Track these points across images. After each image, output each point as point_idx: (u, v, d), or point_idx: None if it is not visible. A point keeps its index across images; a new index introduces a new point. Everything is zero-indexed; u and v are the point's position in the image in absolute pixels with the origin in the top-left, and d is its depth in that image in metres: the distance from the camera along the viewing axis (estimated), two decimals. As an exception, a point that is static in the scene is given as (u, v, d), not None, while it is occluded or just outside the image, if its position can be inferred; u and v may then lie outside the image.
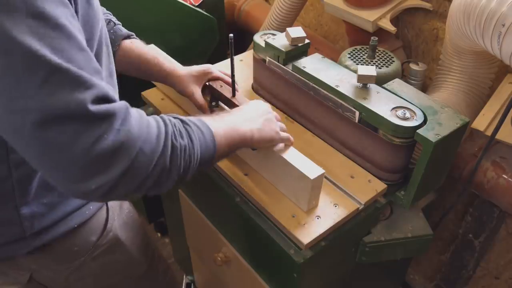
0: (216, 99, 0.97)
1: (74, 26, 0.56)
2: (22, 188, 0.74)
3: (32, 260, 0.83)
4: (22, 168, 0.72)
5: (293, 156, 0.82)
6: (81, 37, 0.56)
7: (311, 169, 0.79)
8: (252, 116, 0.80)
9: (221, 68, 1.01)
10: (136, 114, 0.59)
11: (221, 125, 0.72)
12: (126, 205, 1.01)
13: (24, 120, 0.51)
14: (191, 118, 0.69)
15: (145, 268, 1.06)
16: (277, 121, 0.85)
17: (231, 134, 0.73)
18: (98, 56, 0.71)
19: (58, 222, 0.81)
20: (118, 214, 0.95)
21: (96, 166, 0.54)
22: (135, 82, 1.02)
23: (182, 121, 0.66)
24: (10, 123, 0.53)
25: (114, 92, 0.58)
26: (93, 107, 0.53)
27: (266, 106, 0.86)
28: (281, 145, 0.84)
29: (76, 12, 0.60)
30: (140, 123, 0.59)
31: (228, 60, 1.23)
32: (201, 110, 0.96)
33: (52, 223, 0.80)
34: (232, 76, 0.90)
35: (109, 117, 0.55)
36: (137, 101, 0.88)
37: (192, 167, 0.65)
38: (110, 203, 0.93)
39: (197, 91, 0.95)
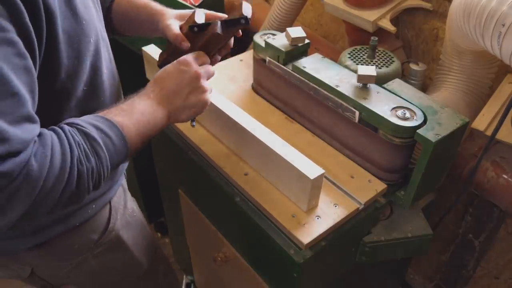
0: (200, 27, 0.83)
1: (16, 65, 0.53)
2: None
3: (32, 255, 0.84)
4: None
5: (293, 156, 0.82)
6: (21, 78, 0.54)
7: (311, 169, 0.79)
8: (173, 92, 0.74)
9: (221, 67, 1.00)
10: (40, 150, 0.56)
11: (132, 120, 0.68)
12: (131, 204, 1.01)
13: None
14: (99, 120, 0.64)
15: (145, 269, 1.06)
16: (204, 84, 0.77)
17: (145, 126, 0.70)
18: (92, 68, 0.72)
19: (59, 221, 0.81)
20: (122, 214, 0.96)
21: None
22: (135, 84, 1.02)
23: (87, 135, 0.61)
24: None
25: (30, 135, 0.55)
26: None
27: (190, 71, 0.75)
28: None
29: (52, 29, 0.59)
30: (42, 159, 0.55)
31: (229, 60, 1.23)
32: (176, 40, 0.84)
33: (52, 221, 0.81)
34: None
35: (9, 174, 0.51)
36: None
37: (104, 178, 0.64)
38: (114, 203, 0.93)
39: (173, 23, 0.85)
